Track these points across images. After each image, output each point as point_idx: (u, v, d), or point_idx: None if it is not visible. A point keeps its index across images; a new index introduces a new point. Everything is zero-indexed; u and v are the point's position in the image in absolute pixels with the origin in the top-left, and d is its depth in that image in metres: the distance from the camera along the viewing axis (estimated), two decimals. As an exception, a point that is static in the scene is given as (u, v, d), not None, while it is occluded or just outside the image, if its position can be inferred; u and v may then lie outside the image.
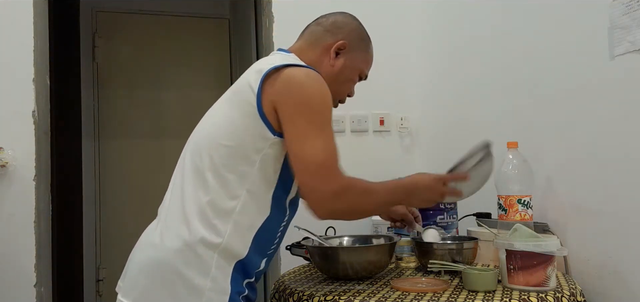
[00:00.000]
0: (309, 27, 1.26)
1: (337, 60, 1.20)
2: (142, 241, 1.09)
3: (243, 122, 1.04)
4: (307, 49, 1.21)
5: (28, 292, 1.77)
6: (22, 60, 1.82)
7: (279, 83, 1.03)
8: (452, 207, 1.59)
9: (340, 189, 1.02)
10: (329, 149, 1.03)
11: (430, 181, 1.17)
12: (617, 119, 1.24)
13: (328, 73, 1.18)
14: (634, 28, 1.18)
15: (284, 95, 1.03)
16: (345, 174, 1.05)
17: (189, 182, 1.06)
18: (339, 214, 1.06)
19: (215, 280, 1.00)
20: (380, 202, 1.14)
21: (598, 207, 1.31)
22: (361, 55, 1.25)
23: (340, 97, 1.26)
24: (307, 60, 1.16)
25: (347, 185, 1.04)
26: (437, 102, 2.15)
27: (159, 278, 1.01)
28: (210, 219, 1.02)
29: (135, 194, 3.37)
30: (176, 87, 3.52)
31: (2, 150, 1.77)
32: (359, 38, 1.24)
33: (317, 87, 1.05)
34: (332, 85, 1.15)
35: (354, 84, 1.27)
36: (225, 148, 1.04)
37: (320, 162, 1.01)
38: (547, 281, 1.12)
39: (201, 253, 1.00)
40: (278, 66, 1.05)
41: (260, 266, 1.09)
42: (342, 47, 1.20)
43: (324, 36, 1.21)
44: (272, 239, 1.11)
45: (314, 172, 1.01)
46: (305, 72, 1.06)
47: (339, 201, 1.02)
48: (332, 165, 1.03)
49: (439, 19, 2.14)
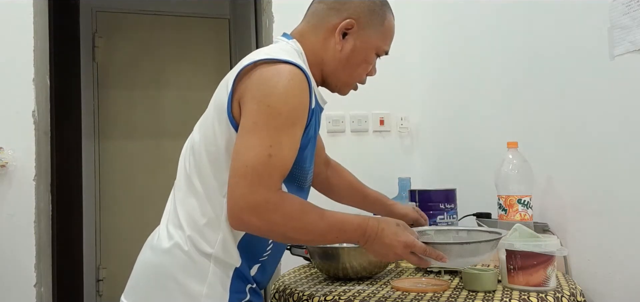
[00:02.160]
0: (311, 5, 1.10)
1: (345, 43, 1.05)
2: (146, 242, 1.08)
3: (219, 127, 0.97)
4: (309, 32, 1.06)
5: (28, 292, 1.77)
6: (22, 60, 1.82)
7: (247, 82, 0.93)
8: (452, 208, 1.59)
9: (261, 203, 0.87)
10: (269, 156, 0.88)
11: (397, 242, 0.98)
12: (617, 119, 1.24)
13: (335, 58, 1.05)
14: (634, 28, 1.18)
15: (247, 94, 0.92)
16: (279, 190, 0.91)
17: (181, 187, 1.03)
18: (253, 230, 0.91)
19: (212, 287, 0.97)
20: (315, 234, 0.95)
21: (598, 207, 1.31)
22: (375, 31, 1.07)
23: (356, 80, 1.11)
24: (309, 46, 1.05)
25: (273, 203, 0.88)
26: (437, 102, 2.15)
27: (156, 282, 0.99)
28: (201, 227, 0.98)
29: (135, 194, 3.37)
30: (176, 87, 3.52)
31: (2, 150, 1.77)
32: (369, 12, 1.06)
33: (283, 87, 0.91)
34: (342, 71, 1.06)
35: (371, 65, 1.11)
36: (206, 154, 0.98)
37: (250, 165, 0.88)
38: (547, 281, 1.12)
39: (197, 260, 0.97)
40: (251, 63, 0.95)
41: (255, 272, 1.04)
42: (350, 26, 1.04)
43: (327, 15, 1.05)
44: (262, 246, 1.03)
45: (241, 174, 0.88)
46: (276, 70, 0.92)
47: (254, 216, 0.88)
48: (263, 173, 0.88)
49: (438, 19, 2.14)
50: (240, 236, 0.99)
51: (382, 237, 0.98)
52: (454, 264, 1.08)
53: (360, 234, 0.98)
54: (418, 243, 0.99)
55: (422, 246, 0.99)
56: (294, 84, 0.92)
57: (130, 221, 3.33)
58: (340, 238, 0.98)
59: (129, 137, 3.43)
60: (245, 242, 0.99)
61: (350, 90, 1.13)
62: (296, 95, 0.92)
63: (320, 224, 0.95)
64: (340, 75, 1.08)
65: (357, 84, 1.12)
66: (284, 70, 0.92)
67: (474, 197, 1.74)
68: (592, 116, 1.32)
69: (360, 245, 1.00)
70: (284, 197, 0.91)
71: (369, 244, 0.99)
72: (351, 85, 1.12)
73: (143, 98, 3.47)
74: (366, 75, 1.12)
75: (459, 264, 1.10)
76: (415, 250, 0.99)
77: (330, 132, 2.14)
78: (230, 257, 0.98)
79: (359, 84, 1.13)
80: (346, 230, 0.97)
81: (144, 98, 3.47)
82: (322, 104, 1.08)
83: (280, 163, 0.91)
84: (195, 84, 3.53)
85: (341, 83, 1.10)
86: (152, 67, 3.49)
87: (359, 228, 0.98)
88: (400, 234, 0.99)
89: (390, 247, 0.98)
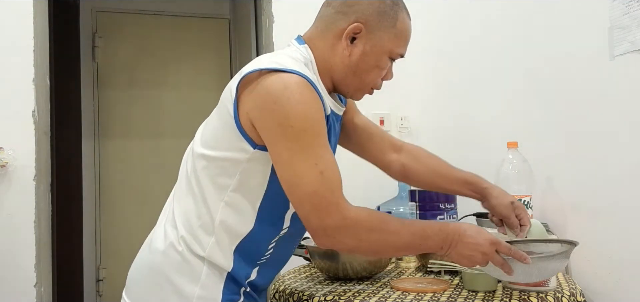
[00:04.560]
0: (321, 9, 1.05)
1: (354, 48, 1.00)
2: (145, 241, 1.08)
3: (223, 133, 0.95)
4: (317, 38, 1.02)
5: (28, 292, 1.77)
6: (22, 60, 1.81)
7: (254, 95, 0.90)
8: (452, 208, 1.59)
9: (342, 222, 0.88)
10: (317, 174, 0.87)
11: (483, 240, 0.94)
12: (617, 119, 1.24)
13: (344, 64, 1.00)
14: (634, 28, 1.18)
15: (260, 113, 0.89)
16: (348, 203, 0.90)
17: (181, 187, 1.04)
18: (348, 249, 0.92)
19: (205, 287, 0.96)
20: (400, 245, 0.94)
21: (598, 207, 1.31)
22: (387, 34, 1.00)
23: (370, 86, 1.05)
24: (319, 52, 1.01)
25: (352, 220, 0.89)
26: (437, 102, 2.15)
27: (150, 281, 1.00)
28: (195, 228, 0.97)
29: (135, 194, 3.37)
30: (176, 87, 3.52)
31: (2, 150, 1.77)
32: (378, 14, 0.99)
33: (295, 103, 0.87)
34: (353, 77, 1.01)
35: (385, 69, 1.04)
36: (205, 157, 0.97)
37: (311, 193, 0.87)
38: (547, 281, 1.12)
39: (191, 261, 0.97)
40: (255, 70, 0.91)
41: (252, 275, 1.02)
42: (358, 30, 0.99)
43: (335, 19, 1.00)
44: (260, 250, 1.01)
45: (308, 203, 0.88)
46: (283, 84, 0.88)
47: (344, 235, 0.88)
48: (325, 192, 0.88)
49: (439, 19, 2.14)
50: (239, 240, 0.98)
51: (466, 237, 0.94)
52: (529, 274, 0.98)
53: (443, 238, 0.94)
54: (503, 242, 0.95)
55: (507, 245, 0.94)
56: (304, 96, 0.89)
57: (130, 221, 3.32)
58: (424, 245, 0.94)
59: (129, 137, 3.43)
60: (243, 246, 0.98)
61: (365, 95, 1.07)
62: (312, 106, 0.90)
63: (404, 234, 0.92)
64: (350, 82, 1.03)
65: (372, 90, 1.06)
66: (290, 82, 0.89)
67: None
68: (592, 116, 1.32)
69: (444, 252, 0.95)
70: (357, 212, 0.90)
71: (453, 247, 0.94)
72: (365, 91, 1.06)
73: (143, 98, 3.47)
74: (382, 80, 1.06)
75: (534, 275, 0.99)
76: (500, 249, 0.94)
77: (330, 132, 2.14)
78: (222, 261, 0.97)
79: (375, 89, 1.07)
80: (429, 235, 0.94)
81: (143, 98, 3.47)
82: (337, 112, 1.05)
83: (332, 174, 0.89)
84: (195, 84, 3.53)
85: (352, 89, 1.04)
86: (152, 67, 3.49)
87: (440, 232, 0.94)
88: (484, 232, 0.95)
89: (477, 246, 0.94)
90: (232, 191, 0.95)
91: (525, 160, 1.41)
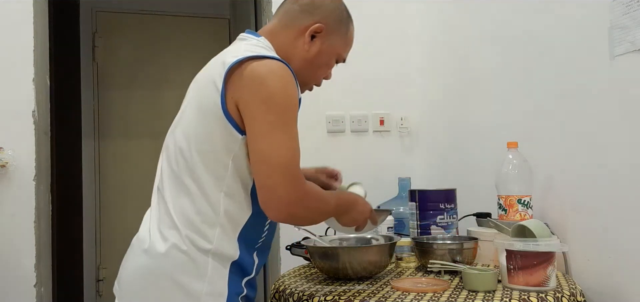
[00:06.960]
0: (284, 5, 1.16)
1: (313, 45, 1.12)
2: (134, 246, 1.07)
3: (212, 125, 1.00)
4: (280, 31, 1.12)
5: (28, 292, 1.77)
6: (22, 60, 1.82)
7: (241, 80, 0.98)
8: (452, 208, 1.59)
9: (303, 193, 0.98)
10: (293, 149, 0.98)
11: (364, 204, 1.19)
12: (617, 119, 1.24)
13: (302, 57, 1.12)
14: (634, 28, 1.18)
15: (246, 93, 0.97)
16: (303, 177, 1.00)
17: (168, 187, 1.05)
18: (297, 220, 1.02)
19: (212, 283, 0.99)
20: (329, 211, 1.09)
21: (598, 207, 1.31)
22: (339, 39, 1.16)
23: (314, 82, 1.18)
24: (279, 44, 1.10)
25: (308, 190, 1.00)
26: (437, 102, 2.15)
27: (154, 285, 1.00)
28: (198, 224, 1.00)
29: (135, 194, 3.37)
30: (176, 87, 3.50)
31: (2, 150, 1.77)
32: (337, 20, 1.14)
33: (280, 83, 0.97)
34: (306, 70, 1.12)
35: (330, 68, 1.19)
36: (198, 153, 1.01)
37: (285, 164, 0.95)
38: (547, 281, 1.12)
39: (195, 257, 0.99)
40: (241, 59, 0.98)
41: (254, 260, 1.08)
42: (319, 30, 1.11)
43: (299, 17, 1.12)
44: (258, 234, 1.08)
45: (279, 173, 0.95)
46: (268, 67, 0.98)
47: (300, 206, 0.98)
48: (296, 167, 0.97)
49: (439, 19, 2.14)
50: (240, 227, 1.03)
51: (358, 205, 1.17)
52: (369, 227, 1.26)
53: (346, 205, 1.15)
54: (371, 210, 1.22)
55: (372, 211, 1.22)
56: (288, 79, 0.99)
57: (130, 220, 3.30)
58: (340, 208, 1.13)
59: (129, 137, 3.43)
60: (245, 232, 1.03)
61: (306, 90, 1.19)
62: (293, 89, 1.00)
63: (331, 201, 1.09)
64: (303, 74, 1.13)
65: (313, 86, 1.20)
66: (275, 66, 0.99)
67: (474, 197, 1.74)
68: (592, 116, 1.32)
69: (343, 215, 1.15)
70: (309, 183, 1.01)
71: (350, 212, 1.16)
72: (308, 86, 1.18)
73: (143, 98, 3.47)
74: (323, 79, 1.19)
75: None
76: (371, 210, 1.21)
77: (331, 132, 2.14)
78: (229, 250, 1.01)
79: (315, 87, 1.21)
80: (340, 204, 1.13)
81: (143, 98, 3.47)
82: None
83: (298, 154, 0.99)
84: (195, 84, 3.53)
85: (303, 81, 1.15)
86: (152, 67, 3.49)
87: (345, 201, 1.15)
88: (361, 198, 1.20)
89: (363, 210, 1.18)
90: (228, 180, 1.01)
91: (525, 160, 1.41)
